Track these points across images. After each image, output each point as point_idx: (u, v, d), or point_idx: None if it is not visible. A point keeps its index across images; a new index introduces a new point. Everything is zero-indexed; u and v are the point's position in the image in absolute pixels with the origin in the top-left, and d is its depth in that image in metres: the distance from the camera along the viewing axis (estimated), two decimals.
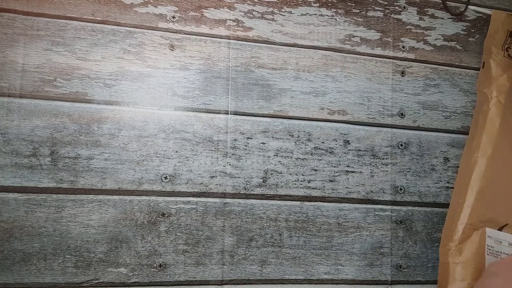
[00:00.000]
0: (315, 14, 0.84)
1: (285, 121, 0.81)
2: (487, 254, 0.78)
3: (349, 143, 0.84)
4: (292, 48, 0.83)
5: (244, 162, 0.79)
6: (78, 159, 0.73)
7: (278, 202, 0.80)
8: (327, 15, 0.85)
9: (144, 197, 0.75)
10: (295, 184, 0.81)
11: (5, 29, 0.72)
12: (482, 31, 0.92)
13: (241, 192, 0.79)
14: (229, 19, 0.80)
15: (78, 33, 0.74)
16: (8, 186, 0.71)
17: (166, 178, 0.76)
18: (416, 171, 0.87)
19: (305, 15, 0.84)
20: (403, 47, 0.88)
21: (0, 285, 0.69)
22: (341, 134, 0.84)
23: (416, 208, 0.86)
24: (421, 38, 0.89)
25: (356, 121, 0.85)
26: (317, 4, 0.84)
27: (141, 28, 0.77)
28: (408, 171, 0.86)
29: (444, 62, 0.90)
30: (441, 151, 0.88)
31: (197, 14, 0.79)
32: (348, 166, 0.84)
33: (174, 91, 0.77)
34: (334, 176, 0.83)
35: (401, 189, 0.86)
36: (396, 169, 0.86)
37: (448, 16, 0.91)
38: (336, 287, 0.82)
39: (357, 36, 0.86)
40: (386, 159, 0.85)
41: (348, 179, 0.83)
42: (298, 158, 0.81)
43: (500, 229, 0.78)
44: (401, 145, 0.86)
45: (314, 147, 0.82)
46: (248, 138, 0.80)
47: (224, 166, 0.78)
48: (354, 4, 0.86)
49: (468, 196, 0.80)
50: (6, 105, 0.71)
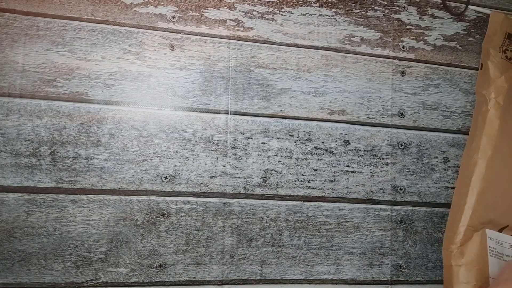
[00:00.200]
0: (315, 14, 0.84)
1: (285, 121, 0.81)
2: (490, 256, 0.78)
3: (349, 143, 0.84)
4: (292, 48, 0.83)
5: (244, 162, 0.79)
6: (78, 159, 0.73)
7: (278, 202, 0.80)
8: (327, 15, 0.85)
9: (144, 197, 0.75)
10: (295, 184, 0.81)
11: (5, 29, 0.72)
12: (482, 31, 0.92)
13: (241, 192, 0.79)
14: (229, 19, 0.80)
15: (78, 33, 0.74)
16: (8, 186, 0.71)
17: (166, 178, 0.76)
18: (416, 171, 0.87)
19: (305, 15, 0.84)
20: (403, 47, 0.88)
21: (0, 285, 0.69)
22: (341, 134, 0.84)
23: (416, 208, 0.86)
24: (421, 38, 0.89)
25: (356, 121, 0.85)
26: (317, 4, 0.84)
27: (141, 28, 0.77)
28: (408, 171, 0.86)
29: (444, 62, 0.90)
30: (441, 151, 0.88)
31: (197, 14, 0.79)
32: (348, 166, 0.84)
33: (174, 91, 0.77)
34: (334, 176, 0.83)
35: (401, 189, 0.86)
36: (396, 169, 0.86)
37: (448, 16, 0.91)
38: (336, 287, 0.82)
39: (357, 36, 0.86)
40: (386, 159, 0.85)
41: (348, 179, 0.83)
42: (298, 158, 0.81)
43: (500, 231, 0.78)
44: (401, 145, 0.86)
45: (314, 147, 0.82)
46: (248, 138, 0.80)
47: (224, 166, 0.78)
48: (354, 4, 0.86)
49: (469, 198, 0.80)
50: (6, 105, 0.71)
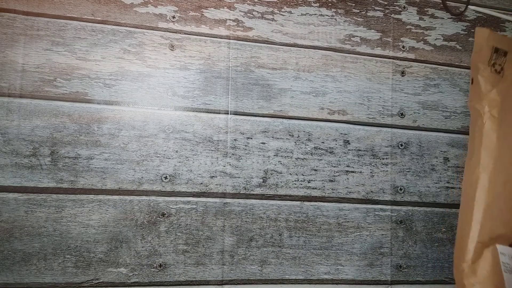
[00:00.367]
0: (315, 14, 0.84)
1: (285, 121, 0.81)
2: (505, 272, 0.76)
3: (349, 143, 0.84)
4: (292, 48, 0.83)
5: (244, 162, 0.79)
6: (78, 159, 0.73)
7: (278, 202, 0.80)
8: (327, 15, 0.85)
9: (144, 197, 0.75)
10: (295, 184, 0.81)
11: (5, 29, 0.72)
12: None
13: (241, 192, 0.79)
14: (229, 19, 0.80)
15: (78, 33, 0.74)
16: (8, 186, 0.71)
17: (166, 178, 0.76)
18: (416, 171, 0.87)
19: (305, 15, 0.84)
20: (403, 47, 0.88)
21: (0, 285, 0.69)
22: (341, 134, 0.84)
23: (416, 208, 0.86)
24: (421, 38, 0.89)
25: (356, 121, 0.85)
26: (317, 4, 0.84)
27: (141, 28, 0.77)
28: (408, 171, 0.86)
29: (444, 62, 0.90)
30: (441, 151, 0.88)
31: (197, 14, 0.79)
32: (348, 166, 0.83)
33: (174, 91, 0.77)
34: (334, 176, 0.83)
35: (401, 189, 0.86)
36: (396, 169, 0.86)
37: (448, 16, 0.91)
38: (336, 287, 0.82)
39: (357, 36, 0.86)
40: (386, 159, 0.85)
41: (348, 179, 0.83)
42: (298, 158, 0.81)
43: (511, 245, 0.77)
44: (401, 145, 0.86)
45: (314, 147, 0.82)
46: (248, 138, 0.80)
47: (224, 166, 0.78)
48: (354, 4, 0.86)
49: (475, 214, 0.78)
50: (6, 105, 0.71)
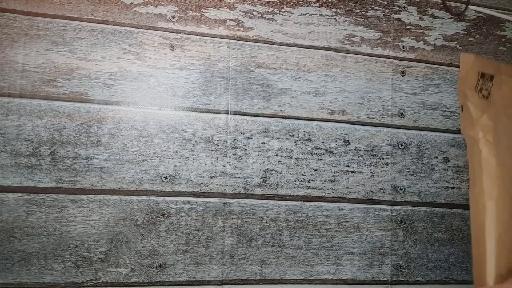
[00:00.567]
0: (315, 14, 0.84)
1: (285, 121, 0.81)
2: None
3: (349, 143, 0.84)
4: (292, 48, 0.83)
5: (244, 162, 0.79)
6: (78, 159, 0.73)
7: (278, 202, 0.80)
8: (327, 15, 0.85)
9: (144, 197, 0.75)
10: (295, 184, 0.81)
11: (5, 29, 0.72)
12: (482, 31, 0.92)
13: (241, 192, 0.79)
14: (229, 19, 0.80)
15: (78, 33, 0.74)
16: (8, 186, 0.71)
17: (166, 178, 0.76)
18: (416, 171, 0.87)
19: (305, 15, 0.84)
20: (403, 47, 0.88)
21: (0, 285, 0.69)
22: (341, 134, 0.84)
23: (416, 208, 0.86)
24: (421, 38, 0.89)
25: (356, 121, 0.85)
26: (317, 4, 0.84)
27: (141, 28, 0.77)
28: (408, 171, 0.86)
29: (444, 62, 0.90)
30: (441, 151, 0.88)
31: (197, 14, 0.79)
32: (348, 166, 0.83)
33: (174, 91, 0.77)
34: (334, 176, 0.83)
35: (401, 189, 0.86)
36: (396, 169, 0.86)
37: (448, 16, 0.91)
38: (336, 287, 0.82)
39: (357, 36, 0.86)
40: (386, 159, 0.85)
41: (348, 179, 0.83)
42: (298, 158, 0.81)
43: None
44: (401, 145, 0.86)
45: (314, 147, 0.82)
46: (248, 138, 0.80)
47: (224, 166, 0.78)
48: (354, 4, 0.86)
49: (488, 245, 0.77)
50: (6, 105, 0.71)
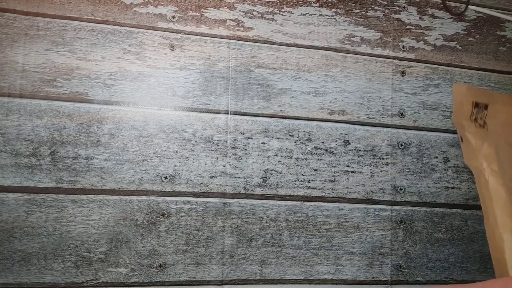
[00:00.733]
0: (315, 14, 0.84)
1: (285, 121, 0.81)
2: None
3: (349, 143, 0.84)
4: (292, 48, 0.83)
5: (244, 162, 0.79)
6: (78, 159, 0.73)
7: (278, 202, 0.80)
8: (327, 15, 0.85)
9: (144, 197, 0.75)
10: (295, 184, 0.81)
11: (5, 29, 0.72)
12: (482, 31, 0.92)
13: (241, 192, 0.79)
14: (229, 19, 0.80)
15: (78, 33, 0.74)
16: (8, 186, 0.71)
17: (166, 178, 0.76)
18: (416, 171, 0.87)
19: (305, 15, 0.84)
20: (403, 47, 0.88)
21: (0, 285, 0.69)
22: (341, 134, 0.84)
23: (416, 208, 0.86)
24: (421, 38, 0.89)
25: (356, 121, 0.85)
26: (317, 4, 0.84)
27: (141, 28, 0.77)
28: (408, 171, 0.86)
29: (444, 62, 0.90)
30: (441, 151, 0.88)
31: (197, 14, 0.79)
32: (348, 166, 0.83)
33: (174, 91, 0.77)
34: (334, 176, 0.83)
35: (401, 189, 0.86)
36: (396, 169, 0.86)
37: (448, 16, 0.91)
38: (336, 287, 0.82)
39: (357, 36, 0.86)
40: (386, 159, 0.85)
41: (348, 179, 0.83)
42: (298, 158, 0.81)
43: None
44: (401, 145, 0.86)
45: (314, 147, 0.82)
46: (248, 138, 0.80)
47: (224, 166, 0.78)
48: (354, 4, 0.86)
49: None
50: (6, 105, 0.71)
